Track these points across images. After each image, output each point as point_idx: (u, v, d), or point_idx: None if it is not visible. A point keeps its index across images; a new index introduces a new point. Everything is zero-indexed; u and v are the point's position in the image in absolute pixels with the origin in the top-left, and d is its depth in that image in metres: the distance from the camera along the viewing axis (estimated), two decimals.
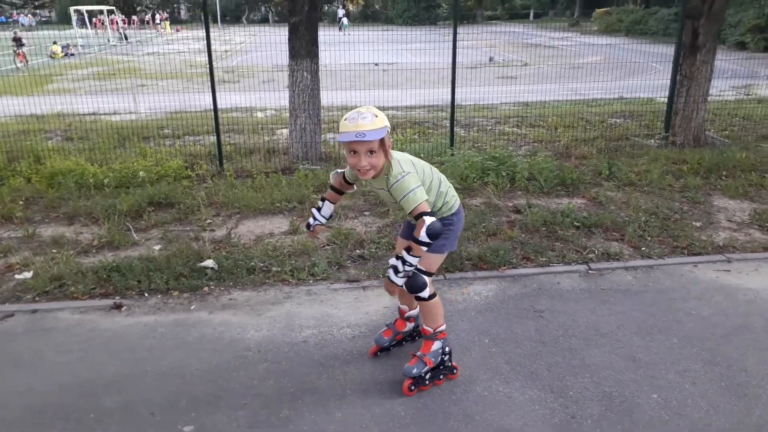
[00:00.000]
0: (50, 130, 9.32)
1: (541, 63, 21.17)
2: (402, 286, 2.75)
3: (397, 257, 2.68)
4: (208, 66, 7.31)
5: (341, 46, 11.25)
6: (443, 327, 2.99)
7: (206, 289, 4.10)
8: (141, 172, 6.68)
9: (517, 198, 5.69)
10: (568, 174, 5.97)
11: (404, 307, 3.26)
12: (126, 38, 32.83)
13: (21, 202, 5.78)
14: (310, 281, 4.16)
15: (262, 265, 4.38)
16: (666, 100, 8.47)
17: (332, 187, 3.05)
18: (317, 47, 7.40)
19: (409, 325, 3.30)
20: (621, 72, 18.27)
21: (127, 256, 4.60)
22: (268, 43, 8.03)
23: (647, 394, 2.86)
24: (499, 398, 2.86)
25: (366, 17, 53.57)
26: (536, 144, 8.59)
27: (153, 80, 15.73)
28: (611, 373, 3.03)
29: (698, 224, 4.94)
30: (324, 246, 4.74)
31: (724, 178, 6.11)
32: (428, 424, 2.69)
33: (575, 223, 4.90)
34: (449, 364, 3.02)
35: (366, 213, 5.44)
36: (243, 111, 11.83)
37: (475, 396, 2.88)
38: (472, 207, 5.41)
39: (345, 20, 37.82)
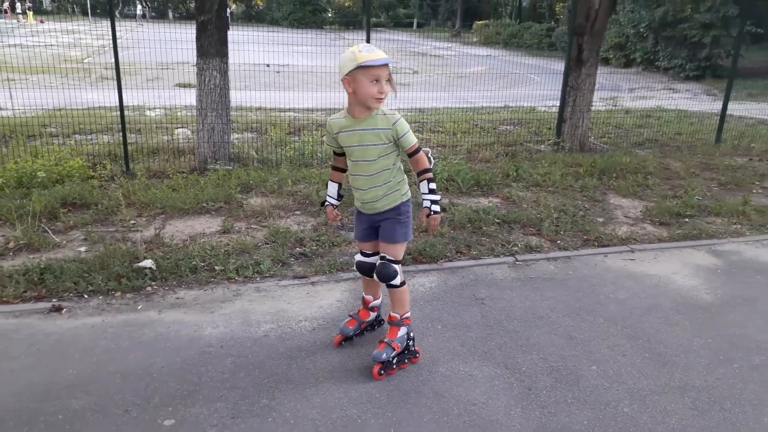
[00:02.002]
0: None
1: (430, 72, 22.00)
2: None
3: (425, 193, 2.93)
4: (114, 62, 7.01)
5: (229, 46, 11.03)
6: (409, 314, 3.19)
7: (149, 289, 4.02)
8: (40, 172, 6.30)
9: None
10: (482, 176, 6.40)
11: (369, 297, 3.42)
12: None
13: None
14: (257, 279, 4.21)
15: (203, 264, 4.36)
16: (553, 108, 9.26)
17: (333, 167, 3.24)
18: (227, 46, 7.34)
19: (372, 315, 3.47)
20: (503, 82, 19.50)
21: (52, 258, 4.38)
22: (147, 40, 7.79)
23: (588, 366, 3.24)
24: (462, 377, 3.12)
25: (250, 17, 52.64)
26: (440, 148, 9.03)
27: (22, 75, 14.55)
28: (554, 350, 3.39)
29: (601, 220, 5.53)
30: (261, 245, 4.78)
31: (614, 179, 6.83)
32: (404, 403, 2.89)
33: (496, 220, 5.31)
34: (413, 349, 3.22)
35: (297, 212, 5.54)
36: (132, 110, 11.32)
37: (440, 376, 3.12)
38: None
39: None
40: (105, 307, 3.77)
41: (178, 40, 7.94)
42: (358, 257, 3.27)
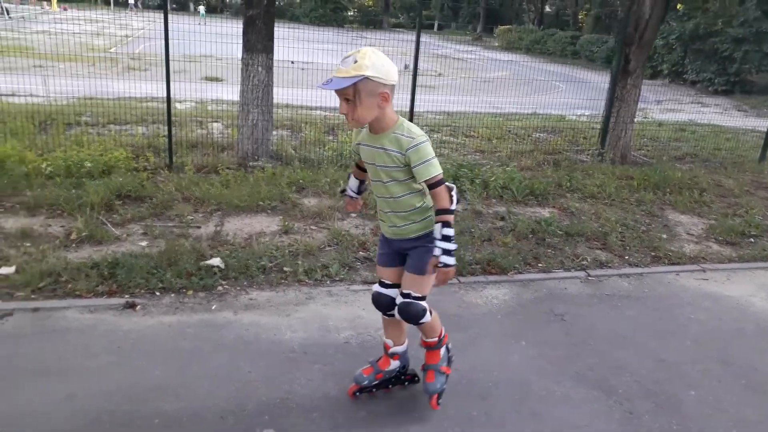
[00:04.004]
0: None
1: (453, 75, 21.89)
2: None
3: (438, 239, 2.44)
4: (164, 54, 6.92)
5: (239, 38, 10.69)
6: (443, 330, 2.84)
7: (220, 288, 3.95)
8: (87, 162, 6.25)
9: (492, 206, 5.93)
10: (536, 185, 6.30)
11: (388, 342, 2.90)
12: (7, 12, 30.10)
13: None
14: (327, 282, 4.13)
15: (271, 264, 4.28)
16: (583, 118, 9.11)
17: (357, 164, 2.85)
18: (273, 42, 7.27)
19: (394, 364, 2.92)
20: (528, 88, 19.35)
21: (116, 251, 4.32)
22: (171, 31, 7.74)
23: (684, 392, 3.14)
24: (558, 397, 3.02)
25: None
26: (478, 154, 8.93)
27: (49, 62, 14.51)
28: (646, 373, 3.29)
29: (665, 236, 5.41)
30: (324, 247, 4.70)
31: (669, 194, 6.70)
32: (504, 422, 2.80)
33: (559, 231, 5.20)
34: (452, 359, 2.94)
35: (353, 215, 5.45)
36: (160, 101, 11.23)
37: (535, 396, 3.02)
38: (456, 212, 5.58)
39: (202, 9, 37.13)
40: (178, 305, 3.70)
41: (201, 32, 7.79)
42: (376, 287, 2.80)
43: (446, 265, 2.44)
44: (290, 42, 9.36)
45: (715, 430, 2.85)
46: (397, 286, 2.71)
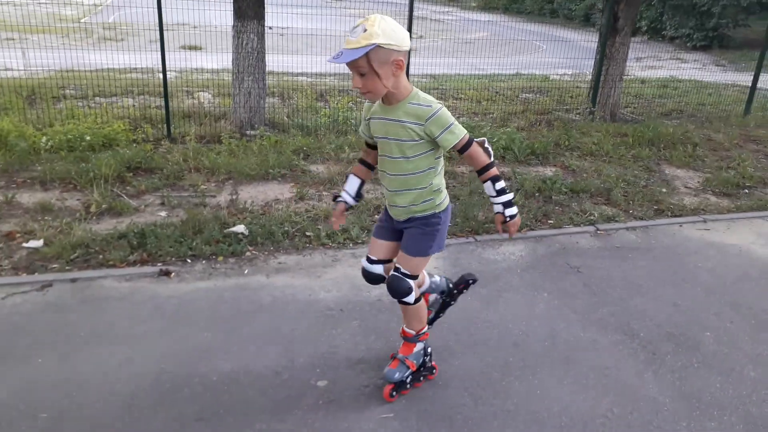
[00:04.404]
0: None
1: (434, 36, 21.72)
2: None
3: (494, 196, 2.41)
4: (158, 26, 6.87)
5: (217, 4, 10.34)
6: (426, 328, 2.77)
7: (248, 253, 4.06)
8: (87, 136, 6.23)
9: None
10: (537, 144, 6.45)
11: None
12: None
13: None
14: (350, 245, 4.26)
15: (293, 230, 4.39)
16: (565, 77, 9.22)
17: (360, 160, 2.74)
18: (264, 8, 7.22)
19: (432, 297, 3.01)
20: (509, 49, 19.34)
21: (136, 222, 4.39)
22: None
23: (701, 333, 3.36)
24: (585, 343, 3.22)
25: None
26: (472, 115, 9.02)
27: (20, 33, 14.09)
28: (664, 317, 3.50)
29: (664, 190, 5.62)
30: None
31: (663, 149, 6.90)
32: (539, 367, 2.99)
33: (564, 189, 5.37)
34: (429, 365, 2.85)
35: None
36: (142, 72, 11.07)
37: (564, 342, 3.22)
38: (461, 174, 5.72)
39: None
40: (211, 271, 3.81)
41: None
42: (363, 262, 2.71)
43: (512, 216, 2.42)
44: (266, 8, 9.07)
45: (732, 366, 3.07)
46: (383, 262, 2.66)
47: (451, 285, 3.01)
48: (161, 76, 7.05)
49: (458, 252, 4.24)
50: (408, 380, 2.73)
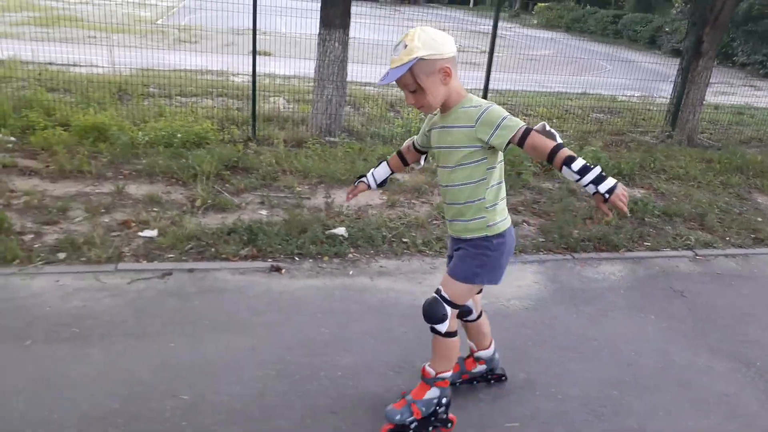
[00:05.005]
0: (20, 78, 8.24)
1: (497, 52, 21.63)
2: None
3: (578, 179, 2.04)
4: (251, 29, 7.08)
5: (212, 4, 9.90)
6: (448, 374, 2.52)
7: (350, 255, 4.16)
8: (179, 133, 6.46)
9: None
10: (623, 165, 6.39)
11: (472, 345, 2.82)
12: None
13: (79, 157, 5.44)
14: (445, 253, 4.31)
15: (390, 235, 4.47)
16: (633, 99, 9.06)
17: (399, 152, 2.69)
18: (350, 18, 7.36)
19: (479, 367, 2.87)
20: (573, 68, 19.14)
21: (243, 219, 4.54)
22: (212, 2, 7.62)
23: None
24: (700, 367, 3.19)
25: None
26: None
27: (100, 32, 14.66)
28: None
29: (759, 219, 5.50)
30: (432, 221, 4.88)
31: (751, 177, 6.74)
32: (655, 388, 2.97)
33: (656, 212, 5.31)
34: (444, 417, 2.55)
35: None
36: (216, 74, 11.38)
37: (678, 365, 3.19)
38: (548, 190, 5.72)
39: None
40: (318, 270, 3.92)
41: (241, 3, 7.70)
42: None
43: (611, 191, 1.98)
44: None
45: None
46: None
47: (500, 370, 2.90)
48: (234, 79, 7.27)
49: (556, 268, 4.25)
50: (411, 426, 2.49)
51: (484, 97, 8.01)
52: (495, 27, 7.78)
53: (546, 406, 2.79)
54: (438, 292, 2.38)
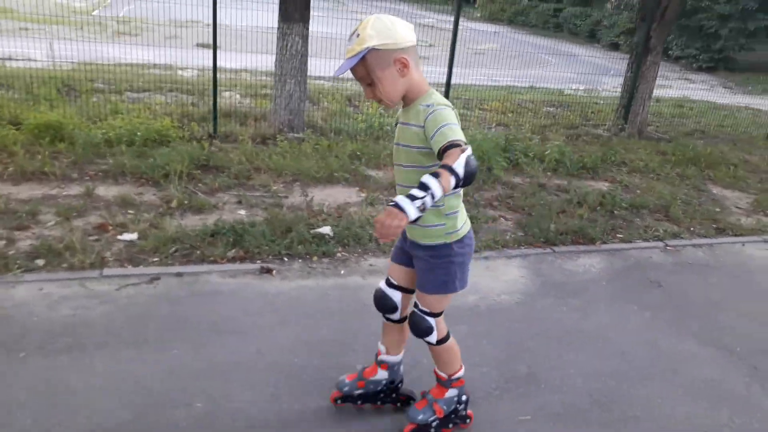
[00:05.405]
0: None
1: (444, 45, 21.83)
2: (410, 222, 1.81)
3: (418, 188, 1.79)
4: (212, 21, 6.92)
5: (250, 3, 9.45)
6: (461, 373, 2.49)
7: (339, 255, 4.15)
8: (138, 131, 6.26)
9: (547, 179, 6.20)
10: (587, 158, 6.60)
11: (381, 348, 2.61)
12: None
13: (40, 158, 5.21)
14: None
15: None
16: (579, 92, 9.39)
17: None
18: (309, 11, 7.28)
19: (380, 374, 2.61)
20: (519, 61, 19.54)
21: (224, 219, 4.45)
22: None
23: None
24: (686, 355, 3.36)
25: None
26: (501, 127, 9.13)
27: (34, 24, 13.92)
28: (754, 333, 3.65)
29: (717, 209, 5.79)
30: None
31: (704, 169, 7.09)
32: (650, 376, 3.11)
33: (623, 204, 5.52)
34: (463, 413, 2.57)
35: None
36: (162, 68, 11.01)
37: (667, 353, 3.35)
38: (520, 185, 5.85)
39: None
40: (309, 270, 3.90)
41: None
42: (381, 284, 2.48)
43: (397, 206, 1.77)
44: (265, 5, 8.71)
45: None
46: (402, 289, 2.43)
47: (400, 386, 2.70)
48: (183, 73, 7.09)
49: (538, 262, 4.36)
50: (433, 424, 2.48)
51: (446, 92, 8.07)
52: (456, 22, 7.86)
53: (552, 398, 2.88)
54: (416, 306, 2.35)
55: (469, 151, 1.85)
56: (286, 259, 4.00)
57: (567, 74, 16.61)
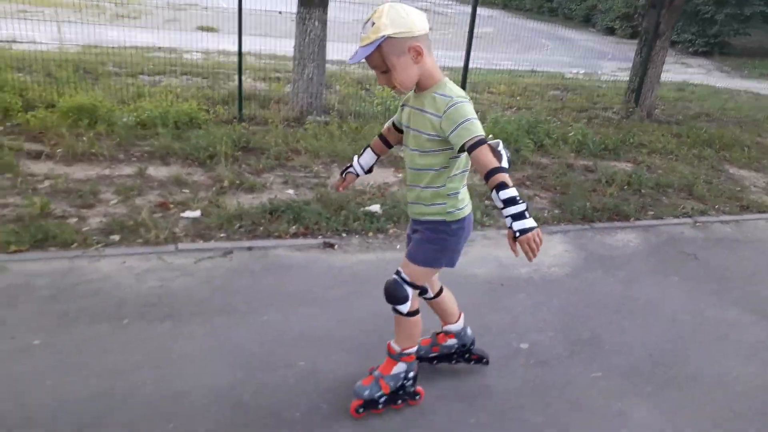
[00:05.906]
0: None
1: (442, 30, 21.92)
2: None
3: (501, 208, 1.98)
4: (237, 8, 7.00)
5: None
6: (413, 350, 2.56)
7: (391, 231, 4.35)
8: (169, 115, 6.39)
9: (572, 159, 6.42)
10: (608, 140, 6.82)
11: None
12: None
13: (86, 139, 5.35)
14: (478, 227, 4.57)
15: None
16: (580, 75, 9.62)
17: (380, 135, 2.62)
18: None
19: (450, 341, 2.86)
20: (517, 46, 19.67)
21: (275, 198, 4.63)
22: None
23: None
24: (731, 322, 3.60)
25: None
26: (514, 110, 9.31)
27: (32, 6, 13.81)
28: None
29: (738, 188, 6.04)
30: None
31: (719, 150, 7.34)
32: (700, 343, 3.35)
33: (649, 184, 5.76)
34: (411, 390, 2.62)
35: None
36: (167, 51, 11.02)
37: (712, 321, 3.59)
38: (546, 165, 6.07)
39: None
40: (367, 245, 4.10)
41: None
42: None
43: (523, 231, 1.93)
44: None
45: None
46: None
47: (472, 347, 2.88)
48: (187, 56, 7.19)
49: (578, 238, 4.59)
50: (381, 401, 2.53)
51: (464, 78, 8.22)
52: (474, 8, 8.01)
53: (617, 359, 3.11)
54: (398, 273, 2.40)
55: (498, 142, 2.08)
56: (344, 234, 4.19)
57: (565, 58, 16.80)
